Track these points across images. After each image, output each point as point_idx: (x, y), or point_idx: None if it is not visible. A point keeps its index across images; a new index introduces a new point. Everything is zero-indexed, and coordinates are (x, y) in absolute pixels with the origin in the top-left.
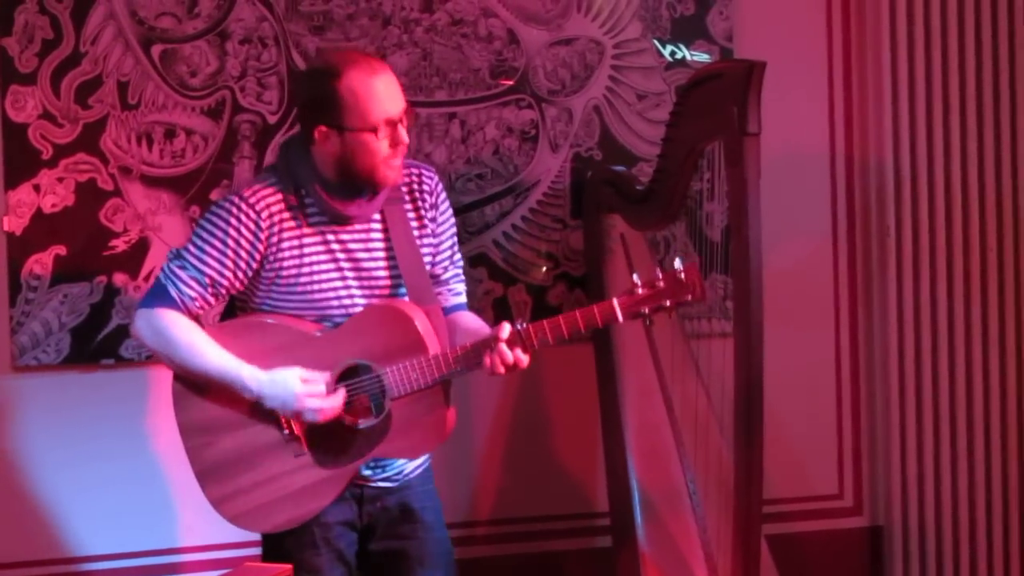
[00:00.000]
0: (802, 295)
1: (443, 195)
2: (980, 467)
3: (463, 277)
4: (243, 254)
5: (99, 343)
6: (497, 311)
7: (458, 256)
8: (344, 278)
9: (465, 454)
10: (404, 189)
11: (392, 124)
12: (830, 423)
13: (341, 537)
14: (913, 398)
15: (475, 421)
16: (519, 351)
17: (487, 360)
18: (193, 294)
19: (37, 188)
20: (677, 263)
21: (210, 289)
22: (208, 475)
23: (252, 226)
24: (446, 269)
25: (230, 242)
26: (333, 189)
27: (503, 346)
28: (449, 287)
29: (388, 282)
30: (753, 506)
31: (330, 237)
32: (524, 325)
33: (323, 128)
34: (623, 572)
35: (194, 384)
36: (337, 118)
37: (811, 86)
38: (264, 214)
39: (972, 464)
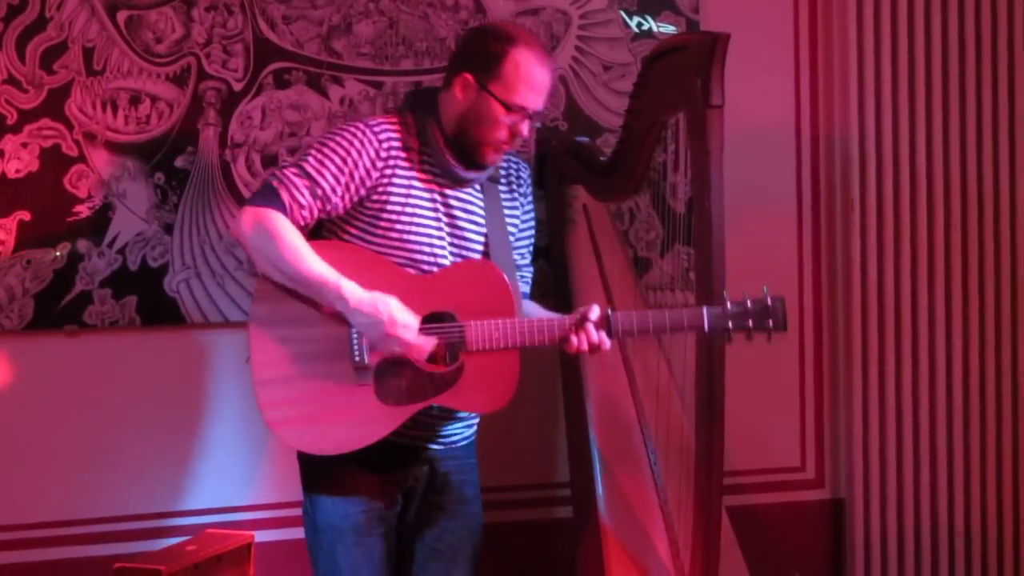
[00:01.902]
0: (766, 268)
1: (531, 188)
2: (942, 440)
3: (532, 268)
4: (357, 177)
5: (62, 309)
6: None
7: (533, 248)
8: (440, 229)
9: None
10: (503, 174)
11: (524, 115)
12: (793, 396)
13: (384, 497)
14: (876, 371)
15: None
16: (604, 334)
17: (574, 338)
18: (304, 202)
19: (1, 153)
20: (765, 290)
21: (319, 203)
22: (267, 384)
23: (372, 153)
24: (523, 256)
25: (350, 161)
26: (450, 144)
27: (591, 326)
28: (521, 274)
29: (481, 248)
30: (714, 477)
31: (435, 189)
32: (612, 311)
33: (469, 77)
34: (584, 543)
35: (280, 293)
36: (487, 76)
37: (777, 59)
38: (385, 145)
39: (934, 437)
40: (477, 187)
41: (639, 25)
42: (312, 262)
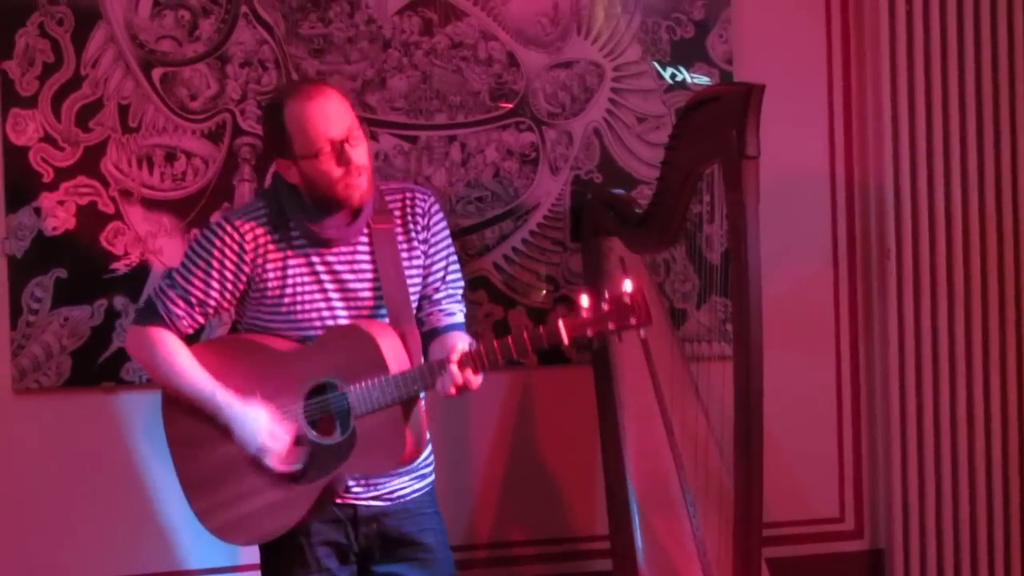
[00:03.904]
0: (802, 317)
1: (437, 216)
2: (981, 490)
3: (459, 298)
4: (228, 275)
5: (100, 366)
6: (498, 334)
7: (453, 277)
8: (328, 299)
9: (464, 477)
10: (396, 211)
11: (335, 145)
12: (831, 446)
13: (329, 557)
14: (914, 420)
15: (473, 444)
16: (469, 372)
17: (438, 382)
18: (180, 312)
19: (38, 211)
20: (625, 286)
21: (197, 308)
22: (193, 488)
23: (236, 248)
24: (437, 290)
25: (214, 263)
26: (311, 211)
27: (453, 367)
28: (441, 307)
29: (372, 303)
30: (753, 529)
31: (315, 259)
32: (475, 346)
33: (281, 160)
34: None
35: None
36: (287, 148)
37: (811, 108)
38: (248, 237)
39: (973, 487)
40: (363, 239)
41: (672, 76)
42: (188, 377)
